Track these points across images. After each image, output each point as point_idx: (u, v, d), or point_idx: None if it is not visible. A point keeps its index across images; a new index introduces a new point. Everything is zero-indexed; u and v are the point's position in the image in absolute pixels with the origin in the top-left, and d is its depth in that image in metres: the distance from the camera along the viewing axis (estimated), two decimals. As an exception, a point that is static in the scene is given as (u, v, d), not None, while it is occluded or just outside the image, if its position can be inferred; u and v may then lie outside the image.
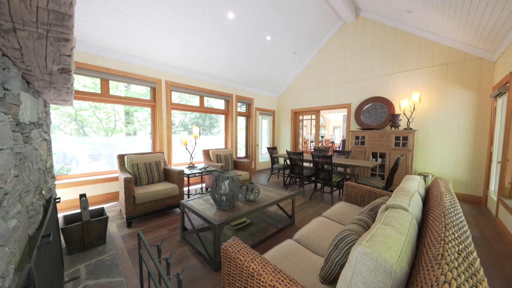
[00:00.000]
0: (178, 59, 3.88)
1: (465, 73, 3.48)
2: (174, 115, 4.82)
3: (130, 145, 4.10)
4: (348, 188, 2.38)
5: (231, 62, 4.51)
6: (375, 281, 0.61)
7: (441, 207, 0.99)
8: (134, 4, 2.71)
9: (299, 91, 6.03)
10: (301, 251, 1.34)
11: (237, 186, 2.01)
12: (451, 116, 3.63)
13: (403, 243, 0.70)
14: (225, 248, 0.99)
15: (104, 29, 2.87)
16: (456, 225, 0.85)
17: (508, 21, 2.38)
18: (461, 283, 0.50)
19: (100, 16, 2.70)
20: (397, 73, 4.19)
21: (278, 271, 0.85)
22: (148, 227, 2.40)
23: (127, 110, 4.07)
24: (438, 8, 2.93)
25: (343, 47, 4.95)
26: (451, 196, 1.20)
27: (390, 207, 1.01)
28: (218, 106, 5.34)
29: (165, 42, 3.43)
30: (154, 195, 2.52)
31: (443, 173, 3.75)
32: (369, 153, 4.25)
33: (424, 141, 3.91)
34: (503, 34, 2.64)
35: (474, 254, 0.68)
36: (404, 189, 1.26)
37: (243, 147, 6.08)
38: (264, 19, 3.82)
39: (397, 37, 4.13)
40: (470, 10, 2.59)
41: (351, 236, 0.98)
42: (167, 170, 3.04)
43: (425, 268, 0.62)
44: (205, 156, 4.09)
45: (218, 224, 1.62)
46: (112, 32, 2.96)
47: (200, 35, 3.55)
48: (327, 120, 11.65)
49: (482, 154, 3.38)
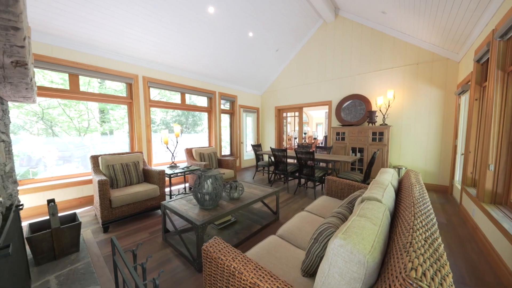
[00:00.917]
0: (157, 54, 3.70)
1: (433, 72, 3.75)
2: (155, 113, 4.62)
3: (106, 145, 3.85)
4: (329, 182, 2.46)
5: (213, 58, 4.41)
6: (350, 271, 0.63)
7: (411, 198, 1.06)
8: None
9: (282, 88, 6.08)
10: (284, 246, 1.36)
11: (220, 184, 1.99)
12: (422, 112, 3.91)
13: (376, 233, 0.73)
14: (206, 248, 0.97)
15: (72, 19, 2.64)
16: (424, 213, 0.91)
17: (470, 25, 2.59)
18: (426, 269, 0.54)
19: (66, 6, 2.47)
20: (373, 71, 4.39)
21: (259, 268, 0.85)
22: (127, 231, 2.28)
23: (102, 108, 3.81)
24: (409, 9, 3.11)
25: (324, 45, 5.07)
26: (421, 187, 1.29)
27: (366, 199, 1.05)
28: (201, 104, 5.21)
29: (142, 36, 3.25)
30: (132, 198, 2.40)
31: (415, 166, 4.03)
32: (349, 148, 4.44)
33: (398, 136, 4.17)
34: (465, 37, 2.88)
35: (438, 240, 0.73)
36: (379, 182, 1.32)
37: (228, 145, 6.02)
38: (246, 15, 3.77)
39: (373, 37, 4.32)
40: (437, 12, 2.78)
41: (330, 229, 1.01)
42: (146, 171, 2.91)
43: (395, 256, 0.65)
44: (188, 155, 3.98)
45: (201, 224, 1.58)
46: (82, 23, 2.73)
47: (180, 30, 3.42)
48: (310, 117, 11.94)
49: (448, 147, 3.69)
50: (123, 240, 2.10)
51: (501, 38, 1.85)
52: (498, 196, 1.94)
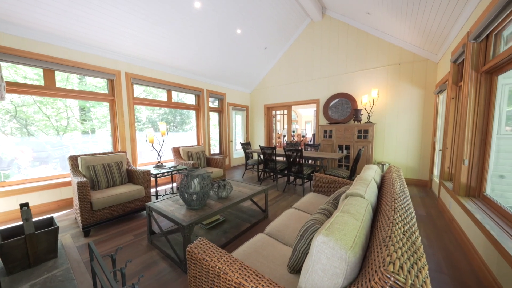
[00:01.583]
0: (140, 49, 3.56)
1: (414, 72, 3.91)
2: (140, 110, 4.45)
3: (87, 145, 3.67)
4: (317, 179, 2.50)
5: (200, 55, 4.32)
6: (332, 267, 0.64)
7: (392, 193, 1.09)
8: (82, -17, 2.38)
9: (271, 86, 6.09)
10: (271, 244, 1.37)
11: (208, 184, 1.95)
12: (404, 110, 4.07)
13: (358, 228, 0.75)
14: (191, 250, 0.95)
15: (46, 11, 2.46)
16: (404, 208, 0.94)
17: (447, 27, 2.72)
18: (403, 262, 0.55)
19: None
20: (359, 70, 4.51)
21: (244, 268, 0.84)
22: (110, 235, 2.19)
23: (82, 106, 3.62)
24: (392, 11, 3.21)
25: (311, 44, 5.13)
26: (401, 182, 1.34)
27: (349, 195, 1.08)
28: (189, 101, 5.09)
29: (124, 30, 3.10)
30: (115, 199, 2.30)
31: (397, 161, 4.20)
32: (336, 145, 4.54)
33: (382, 133, 4.32)
34: (443, 38, 3.02)
35: (416, 233, 0.76)
36: (362, 178, 1.36)
37: (217, 143, 5.95)
38: (233, 11, 3.71)
39: (359, 37, 4.43)
40: (418, 14, 2.89)
41: (315, 226, 1.03)
42: (131, 171, 2.80)
43: (376, 250, 0.67)
44: (175, 154, 3.88)
45: (188, 225, 1.55)
46: (57, 15, 2.55)
47: (165, 24, 3.30)
48: (299, 115, 12.08)
49: (427, 143, 3.88)
50: (105, 244, 2.01)
51: (474, 40, 1.96)
52: (472, 189, 2.07)
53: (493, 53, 1.87)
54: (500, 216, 1.63)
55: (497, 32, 1.81)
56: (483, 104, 1.97)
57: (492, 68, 1.80)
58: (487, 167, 1.97)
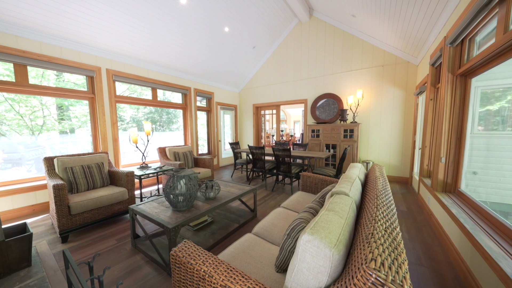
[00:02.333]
0: (123, 45, 3.41)
1: (396, 74, 4.08)
2: (123, 109, 4.27)
3: (66, 146, 3.46)
4: (304, 178, 2.53)
5: (187, 53, 4.22)
6: (317, 265, 0.65)
7: (375, 190, 1.12)
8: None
9: (260, 86, 6.10)
10: (259, 243, 1.36)
11: (195, 184, 1.91)
12: (386, 111, 4.24)
13: (342, 226, 0.76)
14: (175, 253, 0.92)
15: (16, 0, 2.28)
16: (385, 204, 0.97)
17: (426, 31, 2.86)
18: (384, 258, 0.56)
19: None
20: (344, 72, 4.63)
21: (230, 269, 0.83)
22: (90, 240, 2.08)
23: (60, 104, 3.40)
24: (376, 14, 3.32)
25: (299, 45, 5.19)
26: (384, 179, 1.39)
27: (335, 193, 1.10)
28: (175, 100, 4.96)
29: (106, 25, 2.95)
30: (95, 203, 2.19)
31: (381, 160, 4.37)
32: (323, 144, 4.64)
33: (366, 133, 4.48)
34: (423, 42, 3.17)
35: (397, 229, 0.78)
36: (347, 176, 1.39)
37: (206, 143, 5.86)
38: (221, 9, 3.66)
39: (345, 39, 4.54)
40: (399, 19, 3.01)
41: (301, 225, 1.03)
42: (113, 173, 2.68)
43: (359, 247, 0.68)
44: (161, 155, 3.77)
45: (173, 227, 1.50)
46: (30, 6, 2.37)
47: (149, 20, 3.19)
48: (288, 115, 12.21)
49: (408, 142, 4.07)
50: (85, 250, 1.91)
51: (451, 44, 2.07)
52: (448, 185, 2.20)
53: (467, 57, 1.99)
54: (473, 210, 1.75)
55: (471, 37, 1.93)
56: (458, 105, 2.09)
57: (466, 71, 1.92)
58: (461, 164, 2.09)
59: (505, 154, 2.47)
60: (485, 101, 2.71)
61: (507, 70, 2.40)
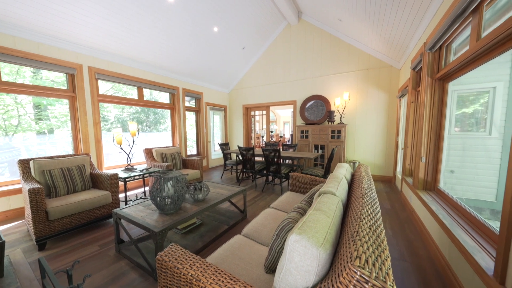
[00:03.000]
0: (107, 42, 3.28)
1: (380, 77, 4.25)
2: (108, 109, 4.10)
3: (44, 147, 3.27)
4: (293, 178, 2.56)
5: (175, 51, 4.14)
6: (304, 265, 0.65)
7: (360, 189, 1.16)
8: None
9: (250, 86, 6.10)
10: (248, 245, 1.35)
11: (183, 186, 1.87)
12: (371, 112, 4.40)
13: (329, 225, 0.77)
14: (161, 258, 0.89)
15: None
16: (370, 203, 1.00)
17: (408, 37, 3.00)
18: (368, 255, 0.58)
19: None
20: (332, 74, 4.75)
21: (219, 272, 0.81)
22: (70, 247, 1.97)
23: (37, 103, 3.21)
24: (361, 19, 3.44)
25: (288, 47, 5.26)
26: (369, 179, 1.44)
27: (322, 193, 1.12)
28: (163, 100, 4.84)
29: (89, 21, 2.83)
30: (76, 207, 2.08)
31: (366, 160, 4.52)
32: (312, 145, 4.72)
33: (353, 134, 4.61)
34: (404, 47, 3.33)
35: (381, 227, 0.81)
36: (334, 176, 1.42)
37: (195, 144, 5.76)
38: (210, 8, 3.63)
39: (332, 42, 4.66)
40: (383, 24, 3.14)
41: (290, 224, 1.04)
42: (95, 175, 2.56)
43: (344, 245, 0.70)
44: (148, 156, 3.66)
45: (160, 231, 1.46)
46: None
47: (136, 17, 3.09)
48: (278, 116, 12.31)
49: (391, 143, 4.24)
50: (65, 257, 1.80)
51: (430, 50, 2.19)
52: (428, 183, 2.31)
53: (445, 62, 2.11)
54: (451, 206, 1.85)
55: (448, 44, 2.05)
56: (436, 107, 2.21)
57: (444, 75, 2.03)
58: (440, 163, 2.21)
59: (478, 153, 2.65)
60: (461, 104, 2.89)
61: (480, 75, 2.57)
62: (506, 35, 1.16)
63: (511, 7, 1.23)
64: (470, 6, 1.48)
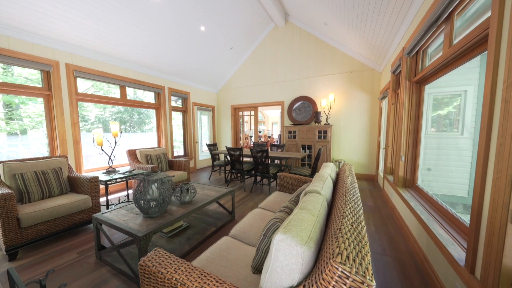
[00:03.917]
0: (88, 38, 3.12)
1: (363, 80, 4.42)
2: (88, 109, 3.90)
3: (16, 149, 3.04)
4: (281, 178, 2.59)
5: (161, 50, 4.02)
6: (289, 263, 0.66)
7: (344, 187, 1.19)
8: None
9: (238, 87, 6.08)
10: (236, 246, 1.35)
11: (168, 188, 1.82)
12: (355, 113, 4.56)
13: (313, 223, 0.79)
14: (144, 263, 0.86)
15: None
16: (353, 200, 1.04)
17: (388, 42, 3.15)
18: (350, 252, 0.60)
19: None
20: (318, 76, 4.86)
21: (204, 275, 0.80)
22: (45, 255, 1.84)
23: (7, 101, 2.98)
24: (344, 24, 3.56)
25: (276, 48, 5.31)
26: (352, 177, 1.49)
27: (308, 192, 1.14)
28: (148, 100, 4.69)
29: (67, 16, 2.67)
30: (52, 213, 1.95)
31: (351, 159, 4.68)
32: (299, 145, 4.80)
33: (338, 134, 4.76)
34: (385, 51, 3.49)
35: (362, 223, 0.84)
36: (320, 175, 1.46)
37: (182, 145, 5.64)
38: (196, 6, 3.57)
39: (318, 45, 4.78)
40: (365, 29, 3.27)
41: (276, 224, 1.05)
42: (74, 179, 2.42)
43: (328, 243, 0.72)
44: (131, 158, 3.52)
45: (144, 235, 1.41)
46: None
47: (118, 12, 2.96)
48: (267, 116, 12.38)
49: (374, 142, 4.42)
50: (39, 267, 1.68)
51: (408, 54, 2.31)
52: (407, 181, 2.44)
53: (421, 66, 2.24)
54: (427, 202, 1.96)
55: (424, 49, 2.18)
56: (414, 109, 2.34)
57: (420, 79, 2.16)
58: (418, 162, 2.34)
59: (452, 152, 2.84)
60: (436, 106, 3.08)
61: (452, 79, 2.76)
62: (474, 42, 1.26)
63: (478, 17, 1.33)
64: (443, 14, 1.58)
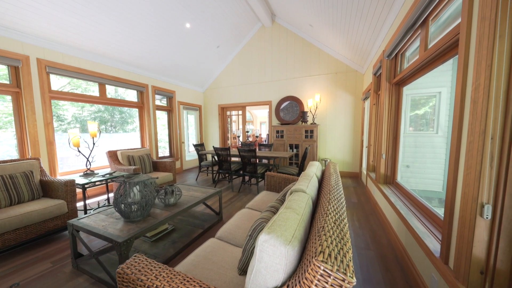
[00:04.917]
0: (62, 32, 2.91)
1: (347, 81, 4.56)
2: (64, 107, 3.64)
3: (-22, 152, 2.77)
4: (269, 178, 2.60)
5: (144, 46, 3.87)
6: (273, 264, 0.66)
7: (328, 186, 1.22)
8: None
9: (225, 86, 6.02)
10: (222, 248, 1.33)
11: (151, 191, 1.75)
12: (340, 113, 4.70)
13: (298, 222, 0.79)
14: (122, 271, 0.82)
15: None
16: (336, 198, 1.06)
17: (370, 44, 3.27)
18: (332, 249, 0.60)
19: None
20: (304, 76, 4.95)
21: (187, 280, 0.78)
22: (14, 267, 1.69)
23: (-32, 99, 2.70)
24: (329, 26, 3.64)
25: (263, 48, 5.32)
26: (337, 175, 1.52)
27: (293, 191, 1.15)
28: (130, 98, 4.49)
29: (37, 7, 2.47)
30: (21, 220, 1.80)
31: (336, 157, 4.81)
32: (287, 144, 4.85)
33: (324, 133, 4.87)
34: (367, 54, 3.62)
35: (345, 221, 0.85)
36: (306, 174, 1.48)
37: (168, 145, 5.47)
38: (180, 2, 3.47)
39: (304, 46, 4.85)
40: (349, 32, 3.37)
41: (262, 224, 1.04)
42: (47, 182, 2.25)
43: (312, 241, 0.72)
44: (112, 159, 3.35)
45: (124, 241, 1.34)
46: None
47: (97, 6, 2.80)
48: (255, 116, 12.38)
49: (357, 141, 4.59)
50: (6, 280, 1.55)
51: (388, 57, 2.42)
52: (388, 178, 2.55)
53: (400, 68, 2.35)
54: (406, 198, 2.07)
55: (402, 53, 2.28)
56: (394, 109, 2.45)
57: (399, 80, 2.26)
58: (397, 159, 2.46)
59: (428, 150, 3.01)
60: (414, 106, 3.25)
61: (428, 81, 2.92)
62: (447, 47, 1.34)
63: (450, 23, 1.42)
64: (419, 19, 1.67)
